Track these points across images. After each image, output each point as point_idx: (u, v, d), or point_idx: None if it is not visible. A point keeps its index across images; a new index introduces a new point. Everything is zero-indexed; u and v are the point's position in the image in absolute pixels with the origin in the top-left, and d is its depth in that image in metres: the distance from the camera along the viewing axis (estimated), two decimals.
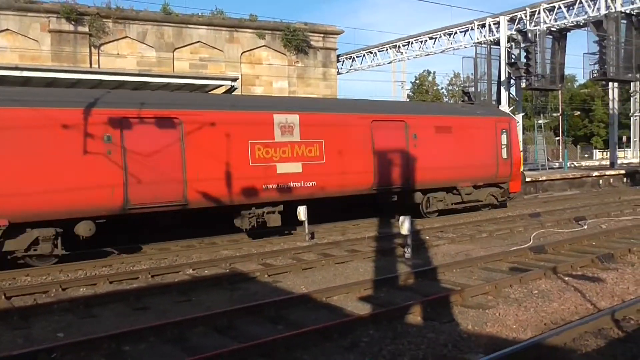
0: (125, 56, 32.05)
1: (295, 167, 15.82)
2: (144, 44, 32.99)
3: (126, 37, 32.50)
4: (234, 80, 22.42)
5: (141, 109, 13.68)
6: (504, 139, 20.81)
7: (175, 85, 21.20)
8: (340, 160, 16.58)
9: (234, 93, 22.39)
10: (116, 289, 10.82)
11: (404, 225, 12.59)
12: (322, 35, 39.16)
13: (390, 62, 44.88)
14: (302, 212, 15.70)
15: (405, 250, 12.93)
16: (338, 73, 43.30)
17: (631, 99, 37.13)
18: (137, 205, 13.43)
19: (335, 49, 40.65)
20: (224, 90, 22.54)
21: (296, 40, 36.88)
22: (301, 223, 16.03)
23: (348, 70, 45.96)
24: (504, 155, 20.71)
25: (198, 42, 34.54)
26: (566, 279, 10.36)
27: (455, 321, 8.16)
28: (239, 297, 9.96)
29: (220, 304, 9.38)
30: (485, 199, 20.62)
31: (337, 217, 17.86)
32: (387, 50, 43.05)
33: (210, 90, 22.37)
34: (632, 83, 34.35)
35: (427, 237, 15.47)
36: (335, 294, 9.69)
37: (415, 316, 8.31)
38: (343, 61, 45.50)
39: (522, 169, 23.26)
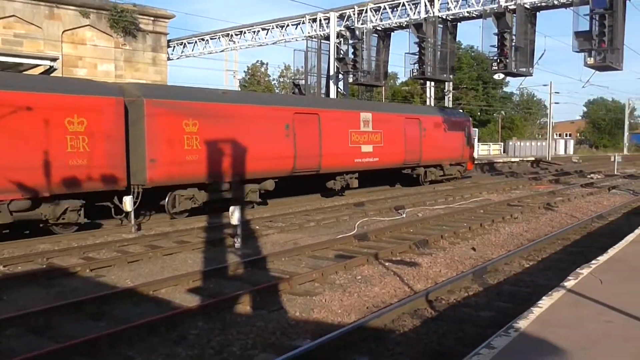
0: None
1: (368, 148, 23.29)
2: None
3: None
4: (54, 60, 20.70)
5: (303, 107, 21.39)
6: (466, 133, 29.91)
7: None
8: (389, 144, 24.47)
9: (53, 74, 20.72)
10: None
11: (234, 215, 12.56)
12: (152, 18, 37.66)
13: (222, 51, 44.44)
14: (127, 202, 15.01)
15: (235, 240, 12.90)
16: (168, 59, 42.00)
17: (445, 97, 40.25)
18: (299, 170, 20.42)
19: (165, 34, 39.34)
20: (41, 71, 20.77)
21: (124, 22, 35.09)
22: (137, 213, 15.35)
23: (179, 57, 44.73)
24: (467, 143, 30.17)
25: (12, 16, 31.43)
26: (387, 264, 10.99)
27: (284, 309, 8.30)
28: (57, 294, 9.28)
29: (36, 302, 8.66)
30: (455, 173, 29.45)
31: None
32: (219, 38, 42.52)
33: (25, 70, 20.48)
34: (446, 82, 37.23)
35: (257, 227, 15.57)
36: (163, 287, 9.41)
37: (244, 306, 8.32)
38: (174, 47, 44.19)
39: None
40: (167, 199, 16.71)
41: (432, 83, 37.21)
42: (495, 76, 27.96)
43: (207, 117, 17.13)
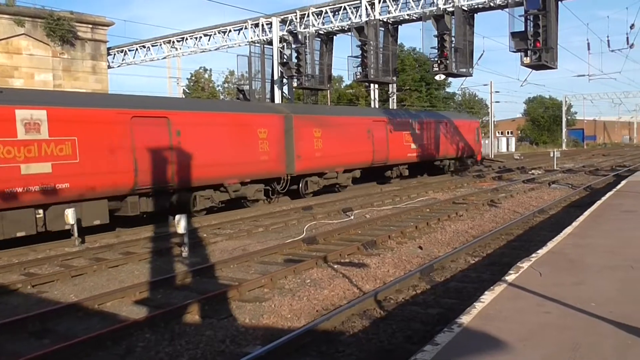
0: None
1: (414, 146, 30.48)
2: None
3: None
4: None
5: (377, 116, 28.65)
6: (477, 133, 38.41)
7: None
8: (424, 144, 31.81)
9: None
10: None
11: (180, 224, 12.43)
12: (90, 26, 36.89)
13: (164, 58, 43.81)
14: (70, 215, 14.65)
15: (183, 249, 12.78)
16: (109, 67, 41.17)
17: (389, 99, 40.77)
18: (375, 163, 27.26)
19: (105, 41, 38.59)
20: None
21: (61, 30, 34.25)
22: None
23: (120, 65, 43.93)
24: (477, 141, 38.49)
25: None
26: (335, 266, 11.08)
27: (233, 316, 8.28)
28: None
29: None
30: (469, 164, 37.69)
31: (118, 220, 16.88)
32: (161, 45, 41.94)
33: None
34: (390, 84, 37.71)
35: (205, 235, 15.45)
36: (109, 300, 9.24)
37: (193, 315, 8.26)
38: (114, 55, 43.37)
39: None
40: (300, 184, 23.66)
41: (376, 85, 37.61)
42: (437, 77, 28.56)
43: (325, 126, 24.18)
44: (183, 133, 17.72)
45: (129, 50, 43.13)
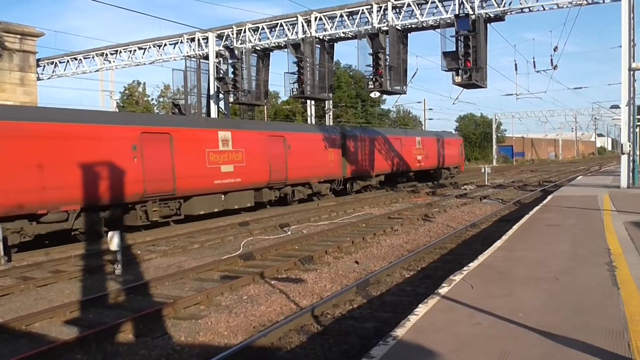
0: None
1: (420, 156, 40.61)
2: None
3: None
4: None
5: (406, 136, 40.88)
6: (461, 148, 49.83)
7: None
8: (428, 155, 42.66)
9: None
10: None
11: (113, 240, 12.16)
12: (19, 36, 35.70)
13: (97, 70, 42.80)
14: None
15: (116, 266, 12.50)
16: (38, 79, 39.88)
17: (326, 115, 41.17)
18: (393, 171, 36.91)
19: (34, 52, 37.41)
20: None
21: None
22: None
23: (50, 77, 42.61)
24: (461, 154, 49.78)
25: None
26: (272, 282, 11.08)
27: (168, 334, 8.15)
28: None
29: None
30: (455, 172, 47.57)
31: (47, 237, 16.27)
32: (93, 57, 40.93)
33: None
34: (326, 101, 38.09)
35: (139, 252, 15.15)
36: (37, 321, 8.93)
37: (126, 334, 8.08)
38: (44, 66, 42.04)
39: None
40: (348, 185, 31.57)
41: (313, 102, 37.92)
42: (372, 94, 28.97)
43: (361, 141, 32.75)
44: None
45: (60, 62, 41.91)
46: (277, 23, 32.77)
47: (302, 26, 31.50)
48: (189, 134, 20.75)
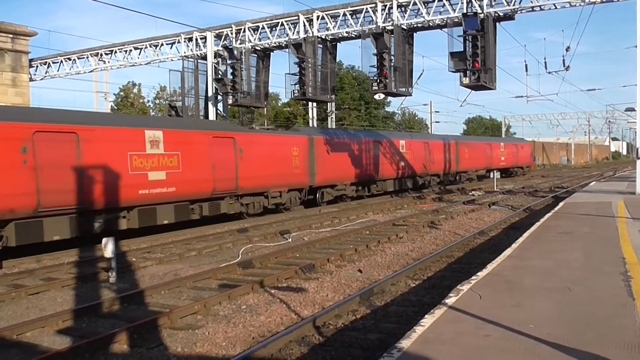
0: None
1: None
2: None
3: None
4: None
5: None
6: (531, 151, 63.15)
7: None
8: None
9: None
10: None
11: (108, 247, 12.18)
12: (11, 35, 35.83)
13: (91, 71, 42.91)
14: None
15: (110, 274, 12.51)
16: (31, 79, 39.99)
17: (328, 118, 41.20)
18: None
19: (27, 52, 37.54)
20: None
21: None
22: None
23: (43, 77, 42.71)
24: (531, 155, 63.89)
25: None
26: (272, 291, 11.08)
27: (164, 345, 8.15)
28: None
29: None
30: (525, 169, 61.28)
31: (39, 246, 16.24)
32: (87, 57, 41.03)
33: None
34: (328, 103, 38.13)
35: (134, 259, 15.17)
36: (29, 330, 8.94)
37: (121, 345, 8.09)
38: (37, 67, 42.15)
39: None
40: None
41: (314, 104, 37.96)
42: (376, 96, 28.90)
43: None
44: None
45: (53, 63, 42.02)
46: (278, 22, 32.83)
47: (304, 25, 31.54)
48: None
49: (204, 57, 35.08)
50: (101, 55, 40.50)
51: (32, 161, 15.34)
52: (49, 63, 42.13)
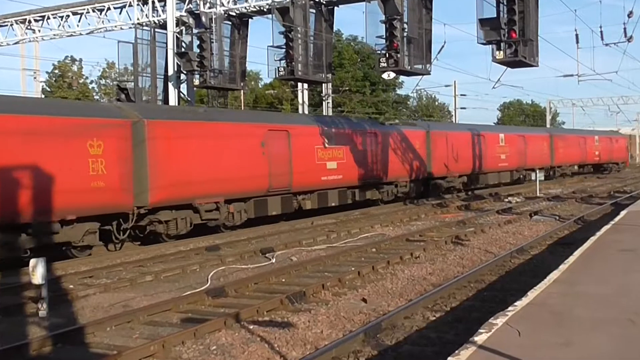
0: None
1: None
2: None
3: None
4: None
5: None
6: (627, 144, 71.91)
7: None
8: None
9: None
10: None
11: (37, 271, 12.11)
12: None
13: (16, 43, 42.85)
14: None
15: (40, 306, 12.44)
16: None
17: (323, 102, 40.82)
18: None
19: None
20: None
21: None
22: None
23: None
24: (627, 150, 73.46)
25: None
26: (251, 327, 11.04)
27: None
28: None
29: None
30: (620, 166, 73.22)
31: None
32: (11, 25, 41.01)
33: None
34: (323, 85, 37.77)
35: (72, 286, 15.14)
36: None
37: None
38: None
39: None
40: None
41: (305, 85, 37.92)
42: (384, 75, 28.87)
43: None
44: None
45: None
46: None
47: None
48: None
49: (163, 26, 34.94)
50: (30, 22, 40.40)
51: (267, 152, 25.56)
52: None
